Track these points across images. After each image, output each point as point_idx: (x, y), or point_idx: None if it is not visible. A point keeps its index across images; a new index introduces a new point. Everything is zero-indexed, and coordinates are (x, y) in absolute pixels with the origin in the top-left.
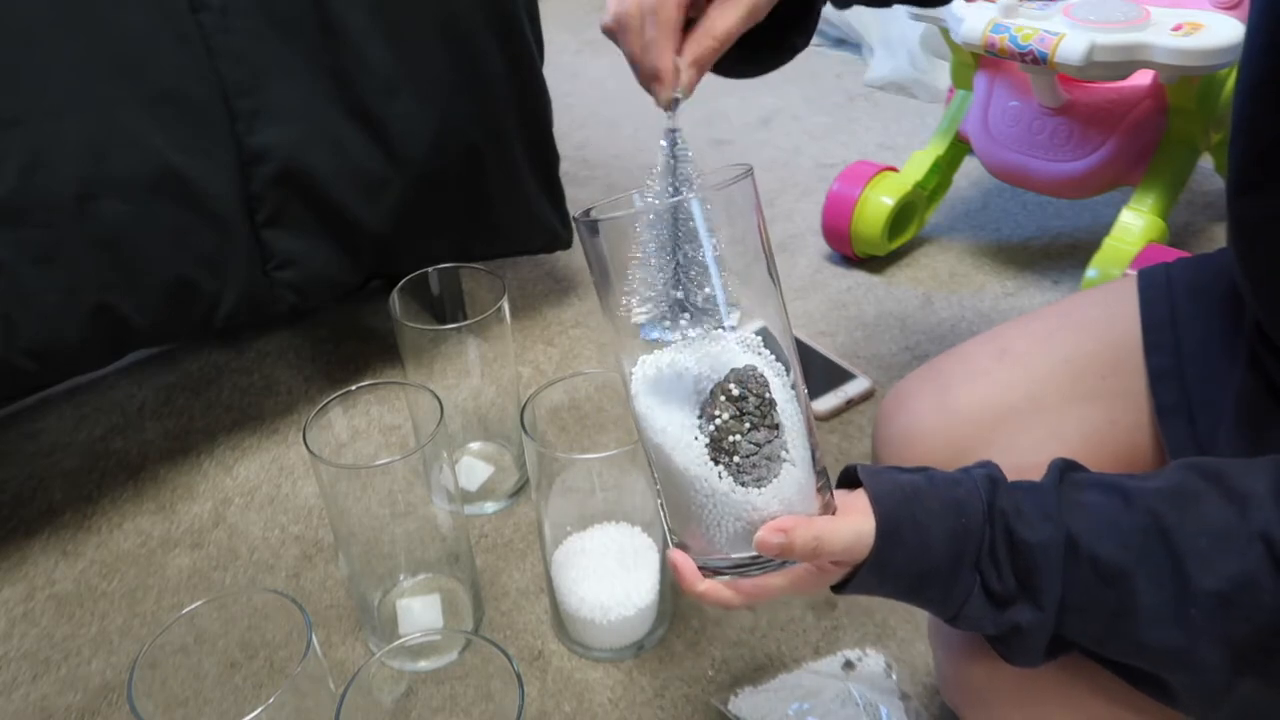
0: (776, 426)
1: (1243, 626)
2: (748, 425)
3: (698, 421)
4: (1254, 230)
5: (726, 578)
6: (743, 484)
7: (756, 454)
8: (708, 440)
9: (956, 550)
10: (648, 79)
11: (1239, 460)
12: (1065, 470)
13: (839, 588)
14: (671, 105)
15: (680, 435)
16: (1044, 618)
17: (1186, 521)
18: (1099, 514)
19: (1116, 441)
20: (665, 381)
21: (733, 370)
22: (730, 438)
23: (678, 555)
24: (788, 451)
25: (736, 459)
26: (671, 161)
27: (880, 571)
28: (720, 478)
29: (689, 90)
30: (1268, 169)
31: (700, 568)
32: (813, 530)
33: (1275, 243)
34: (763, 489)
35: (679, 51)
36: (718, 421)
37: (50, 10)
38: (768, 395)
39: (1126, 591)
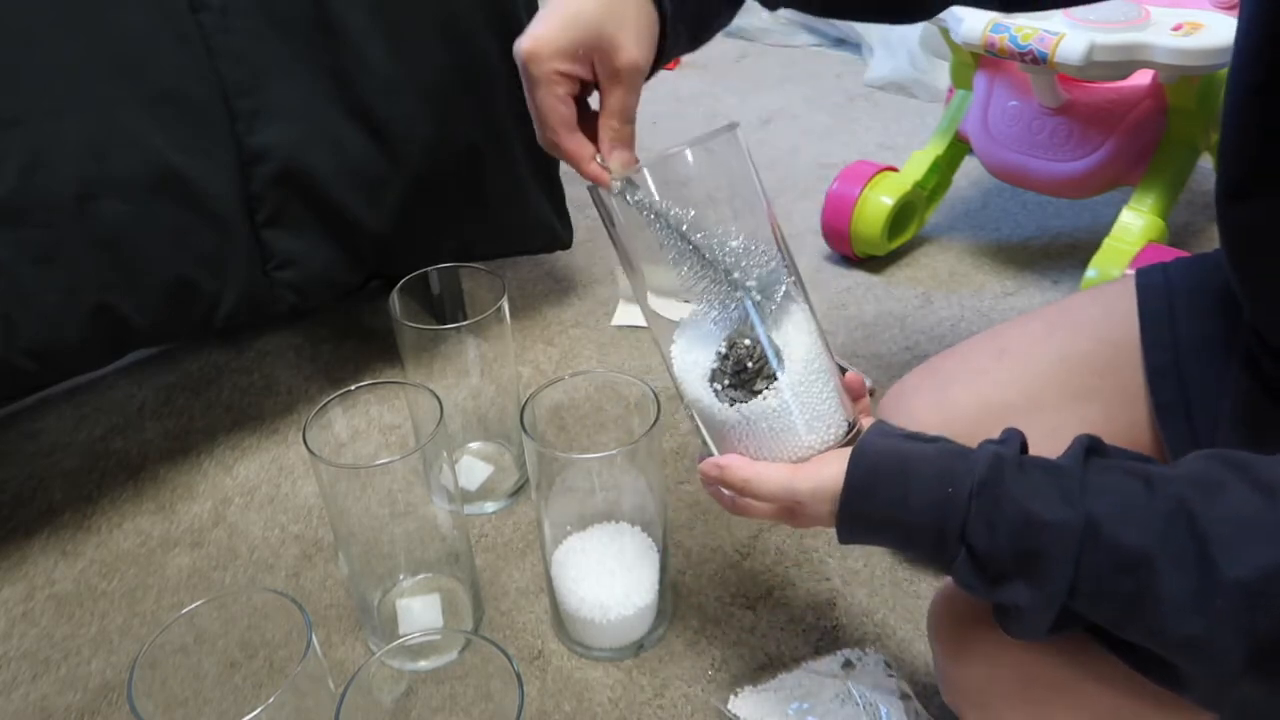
0: (756, 392)
1: (1269, 619)
2: (727, 382)
3: (718, 349)
4: (1245, 235)
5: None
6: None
7: (731, 402)
8: (715, 362)
9: (939, 518)
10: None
11: (1260, 455)
12: (1090, 451)
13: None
14: (625, 190)
15: (701, 354)
16: (1041, 599)
17: (1213, 509)
18: (1122, 498)
19: (1115, 439)
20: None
21: (749, 339)
22: (719, 377)
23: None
24: (764, 413)
25: (716, 385)
26: (655, 220)
27: (853, 522)
28: (711, 391)
29: (626, 165)
30: (1256, 178)
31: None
32: (744, 473)
33: (1265, 247)
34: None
35: (598, 147)
36: (718, 363)
37: (50, 10)
38: (750, 365)
39: (1148, 578)
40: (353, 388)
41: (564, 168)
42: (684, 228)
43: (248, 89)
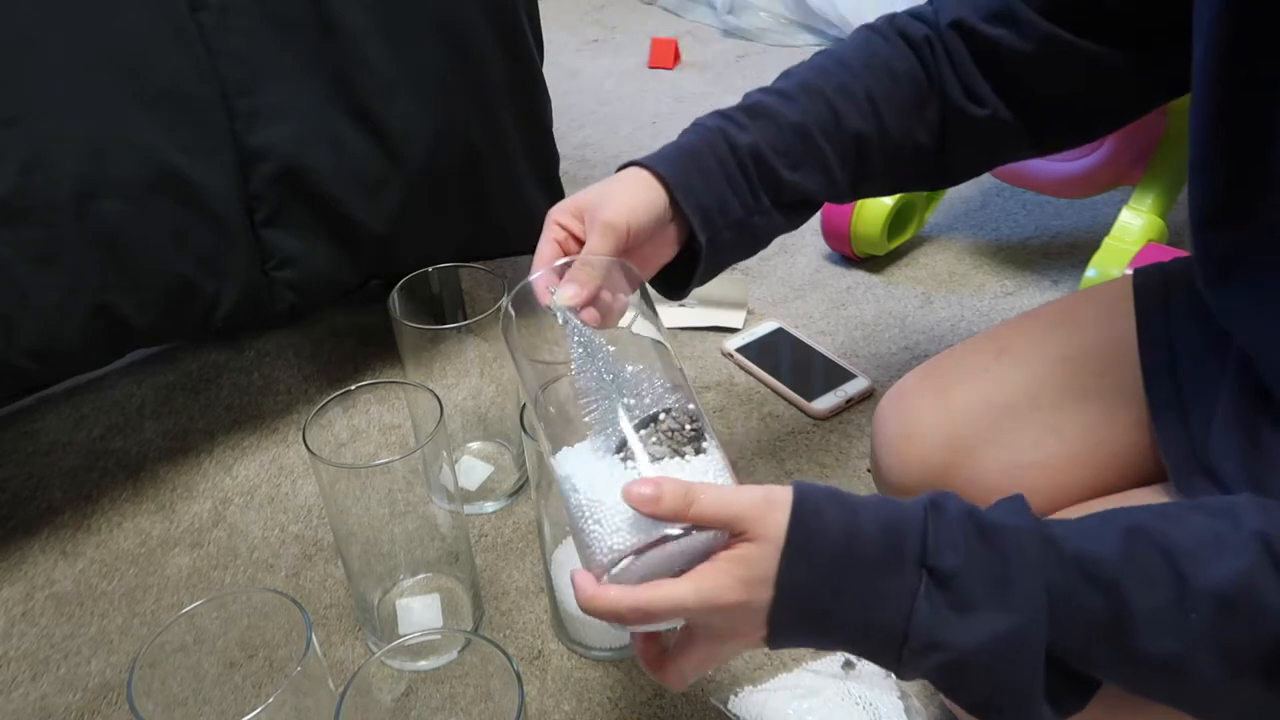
0: (684, 454)
1: (1244, 634)
2: (654, 440)
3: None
4: (1222, 261)
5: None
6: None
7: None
8: (647, 433)
9: (894, 543)
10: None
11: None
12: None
13: (769, 634)
14: (560, 315)
15: (588, 449)
16: (1020, 623)
17: (1171, 531)
18: (1078, 522)
19: (1114, 439)
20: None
21: (679, 409)
22: (644, 441)
23: (578, 572)
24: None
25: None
26: (578, 348)
27: (798, 569)
28: (622, 455)
29: (568, 300)
30: (1228, 206)
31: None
32: (685, 485)
33: (1244, 273)
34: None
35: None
36: (648, 430)
37: (50, 10)
38: (688, 426)
39: (1117, 596)
40: (353, 388)
41: (563, 169)
42: (603, 363)
43: (247, 89)
